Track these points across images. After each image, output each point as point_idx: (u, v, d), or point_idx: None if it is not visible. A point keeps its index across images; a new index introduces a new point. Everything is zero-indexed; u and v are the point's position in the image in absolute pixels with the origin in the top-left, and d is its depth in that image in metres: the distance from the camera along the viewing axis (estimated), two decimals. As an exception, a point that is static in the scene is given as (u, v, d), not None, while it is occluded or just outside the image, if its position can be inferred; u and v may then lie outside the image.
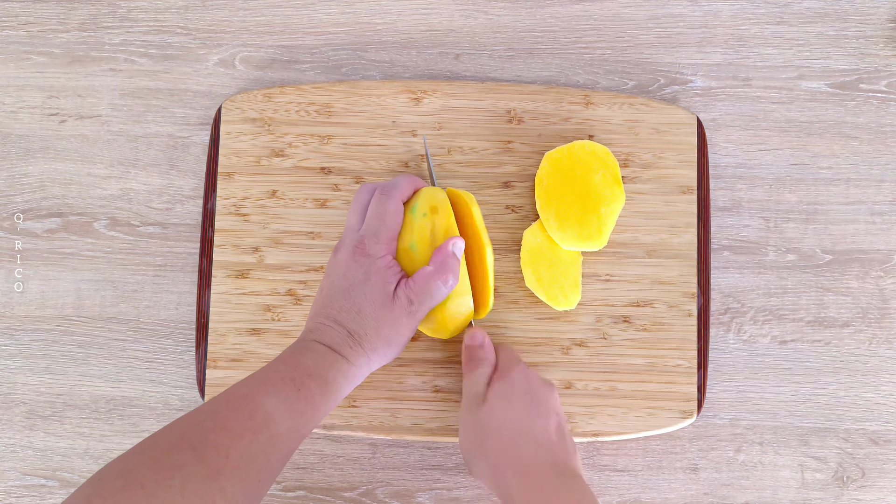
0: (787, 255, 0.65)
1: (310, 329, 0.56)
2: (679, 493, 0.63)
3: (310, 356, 0.54)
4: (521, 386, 0.56)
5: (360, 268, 0.56)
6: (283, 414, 0.50)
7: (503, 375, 0.57)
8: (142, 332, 0.65)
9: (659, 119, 0.65)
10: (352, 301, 0.56)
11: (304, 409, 0.51)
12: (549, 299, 0.62)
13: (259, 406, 0.50)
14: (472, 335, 0.59)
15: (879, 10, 0.68)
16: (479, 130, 0.65)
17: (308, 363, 0.53)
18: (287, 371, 0.53)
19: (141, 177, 0.67)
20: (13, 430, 0.65)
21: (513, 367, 0.57)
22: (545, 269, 0.62)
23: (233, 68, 0.68)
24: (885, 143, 0.66)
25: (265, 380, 0.52)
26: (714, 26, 0.68)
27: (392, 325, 0.56)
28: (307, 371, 0.53)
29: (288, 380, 0.52)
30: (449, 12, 0.68)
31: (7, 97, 0.68)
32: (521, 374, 0.57)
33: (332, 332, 0.55)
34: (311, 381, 0.52)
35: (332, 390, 0.53)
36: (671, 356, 0.62)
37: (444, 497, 0.63)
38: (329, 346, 0.55)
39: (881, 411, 0.64)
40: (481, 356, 0.58)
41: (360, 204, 0.59)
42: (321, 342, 0.55)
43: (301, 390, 0.52)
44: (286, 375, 0.52)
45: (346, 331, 0.55)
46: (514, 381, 0.56)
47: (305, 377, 0.52)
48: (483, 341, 0.59)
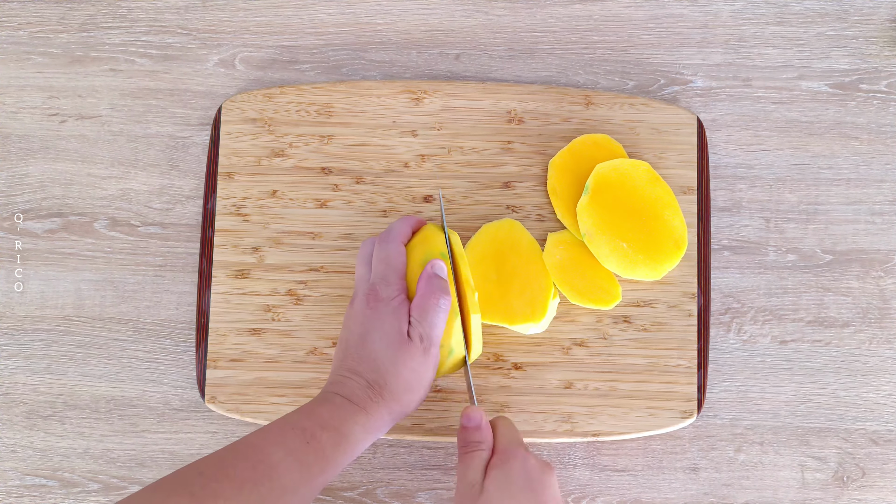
0: (788, 255, 0.65)
1: (331, 382, 0.55)
2: (679, 492, 0.63)
3: (327, 407, 0.53)
4: (520, 476, 0.52)
5: (374, 313, 0.55)
6: (290, 466, 0.49)
7: (502, 463, 0.53)
8: (142, 332, 0.65)
9: (659, 119, 0.65)
10: (368, 349, 0.55)
11: (313, 462, 0.50)
12: (596, 303, 0.62)
13: (266, 457, 0.49)
14: (469, 416, 0.55)
15: (879, 10, 0.68)
16: (480, 130, 0.65)
17: (324, 414, 0.52)
18: (300, 422, 0.52)
19: (141, 177, 0.67)
20: (13, 430, 0.65)
21: (512, 453, 0.53)
22: (579, 280, 0.62)
23: (233, 68, 0.68)
24: (886, 143, 0.66)
25: (276, 430, 0.51)
26: (714, 26, 0.68)
27: (411, 367, 0.55)
28: (321, 423, 0.52)
29: (299, 430, 0.51)
30: (449, 12, 0.68)
31: (7, 97, 0.68)
32: (521, 463, 0.53)
33: (351, 383, 0.54)
34: (324, 433, 0.51)
35: (347, 443, 0.52)
36: (671, 356, 0.62)
37: (444, 497, 0.63)
38: (347, 398, 0.53)
39: (881, 411, 0.64)
40: (478, 439, 0.54)
41: (365, 256, 0.58)
42: (340, 394, 0.54)
43: (311, 443, 0.51)
44: (297, 426, 0.51)
45: (366, 381, 0.54)
46: (512, 469, 0.52)
47: (318, 429, 0.51)
48: (480, 422, 0.55)
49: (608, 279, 0.62)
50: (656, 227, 0.62)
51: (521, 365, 0.63)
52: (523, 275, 0.62)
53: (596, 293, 0.62)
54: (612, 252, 0.62)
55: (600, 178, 0.62)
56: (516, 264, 0.62)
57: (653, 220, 0.62)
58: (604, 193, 0.62)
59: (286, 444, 0.50)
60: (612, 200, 0.62)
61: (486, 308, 0.61)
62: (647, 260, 0.62)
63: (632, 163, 0.62)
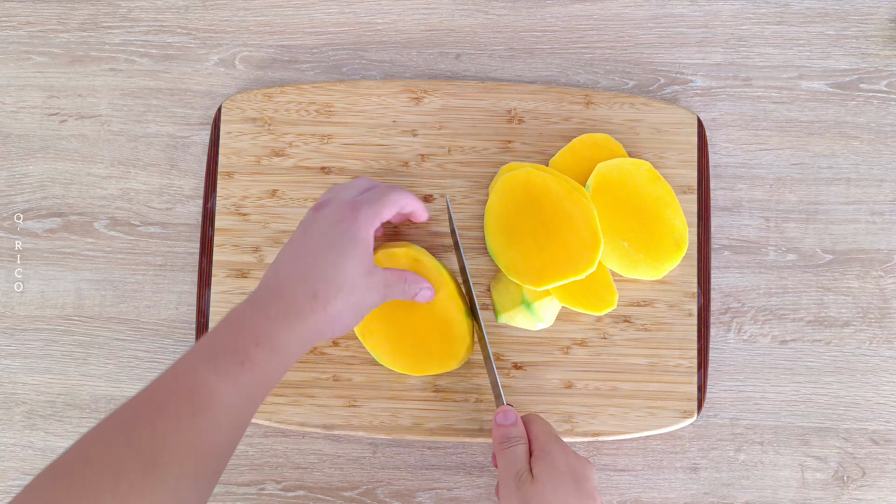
0: (788, 254, 0.65)
1: (269, 287, 0.52)
2: (679, 492, 0.63)
3: (259, 320, 0.50)
4: (564, 464, 0.53)
5: (347, 230, 0.54)
6: (226, 391, 0.46)
7: (545, 454, 0.53)
8: (142, 331, 0.65)
9: (659, 119, 0.65)
10: (332, 261, 0.53)
11: (249, 381, 0.48)
12: (590, 309, 0.61)
13: (200, 385, 0.46)
14: (504, 414, 0.56)
15: (880, 10, 0.68)
16: (480, 130, 0.65)
17: (257, 328, 0.49)
18: (231, 341, 0.49)
19: (141, 177, 0.67)
20: (13, 430, 0.65)
21: (551, 442, 0.54)
22: (574, 283, 0.61)
23: (233, 68, 0.68)
24: (886, 143, 0.66)
25: (208, 355, 0.48)
26: (714, 26, 0.68)
27: (363, 295, 0.54)
28: (254, 339, 0.49)
29: (231, 352, 0.48)
30: (449, 12, 0.68)
31: (7, 97, 0.68)
32: (562, 452, 0.54)
33: (293, 291, 0.51)
34: (258, 351, 0.48)
35: (281, 358, 0.50)
36: (672, 356, 0.62)
37: (444, 497, 0.63)
38: (284, 308, 0.51)
39: (882, 411, 0.64)
40: (515, 434, 0.55)
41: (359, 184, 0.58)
42: (276, 303, 0.51)
43: (245, 363, 0.48)
44: (229, 347, 0.48)
45: (312, 291, 0.52)
46: (556, 459, 0.53)
47: (252, 346, 0.48)
48: (516, 420, 0.56)
49: (605, 285, 0.62)
50: (657, 226, 0.62)
51: (521, 364, 0.63)
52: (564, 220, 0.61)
53: (590, 299, 0.61)
54: (613, 251, 0.62)
55: (601, 177, 0.62)
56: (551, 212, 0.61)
57: (654, 220, 0.62)
58: (605, 193, 0.62)
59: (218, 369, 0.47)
60: (613, 200, 0.62)
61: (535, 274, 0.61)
62: (648, 259, 0.62)
63: (633, 162, 0.62)
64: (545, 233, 0.61)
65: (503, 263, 0.61)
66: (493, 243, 0.62)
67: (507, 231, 0.62)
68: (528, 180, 0.62)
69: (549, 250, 0.61)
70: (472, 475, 0.63)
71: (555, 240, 0.61)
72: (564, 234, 0.61)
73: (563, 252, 0.60)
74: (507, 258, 0.61)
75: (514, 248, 0.61)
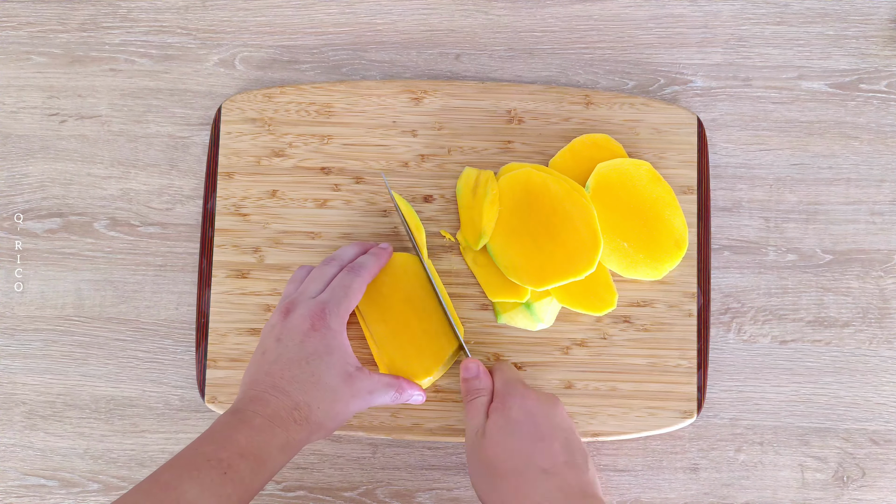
0: (788, 254, 0.65)
1: (249, 398, 0.53)
2: (679, 492, 0.63)
3: (244, 432, 0.50)
4: (520, 412, 0.54)
5: (322, 339, 0.54)
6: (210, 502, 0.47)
7: (500, 405, 0.55)
8: (142, 332, 0.65)
9: (659, 119, 0.65)
10: (310, 372, 0.53)
11: (231, 493, 0.48)
12: (590, 309, 0.62)
13: (180, 496, 0.47)
14: (466, 367, 0.57)
15: (880, 10, 0.68)
16: (480, 130, 0.65)
17: (241, 440, 0.50)
18: (214, 451, 0.49)
19: (141, 177, 0.67)
20: (13, 430, 0.65)
21: (510, 393, 0.55)
22: (574, 284, 0.61)
23: (233, 68, 0.68)
24: (886, 143, 0.66)
25: (189, 463, 0.49)
26: (714, 26, 0.68)
27: (347, 403, 0.54)
28: (238, 450, 0.49)
29: (215, 462, 0.48)
30: (449, 12, 0.68)
31: (7, 97, 0.68)
32: (519, 400, 0.54)
33: (275, 403, 0.52)
34: (242, 462, 0.49)
35: (265, 469, 0.50)
36: (671, 356, 0.62)
37: (444, 497, 0.63)
38: (269, 419, 0.51)
39: (881, 411, 0.63)
40: (477, 386, 0.57)
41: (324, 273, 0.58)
42: (261, 414, 0.51)
43: (227, 473, 0.48)
44: (213, 456, 0.49)
45: (293, 403, 0.52)
46: (511, 408, 0.54)
47: (236, 457, 0.49)
48: (478, 371, 0.57)
49: (605, 286, 0.62)
50: (657, 226, 0.62)
51: (521, 365, 0.63)
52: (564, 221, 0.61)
53: (590, 299, 0.61)
54: (613, 251, 0.62)
55: (601, 177, 0.62)
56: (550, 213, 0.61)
57: (654, 220, 0.62)
58: (604, 193, 0.62)
59: (201, 479, 0.47)
60: (613, 200, 0.62)
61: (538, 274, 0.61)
62: (648, 259, 0.62)
63: (633, 162, 0.62)
64: (545, 233, 0.61)
65: (503, 264, 0.61)
66: (492, 244, 0.62)
67: (507, 232, 0.62)
68: (528, 181, 0.62)
69: (548, 251, 0.61)
70: (471, 475, 0.63)
71: (554, 240, 0.61)
72: (564, 235, 0.61)
73: (563, 253, 0.60)
74: (506, 259, 0.61)
75: (513, 248, 0.61)
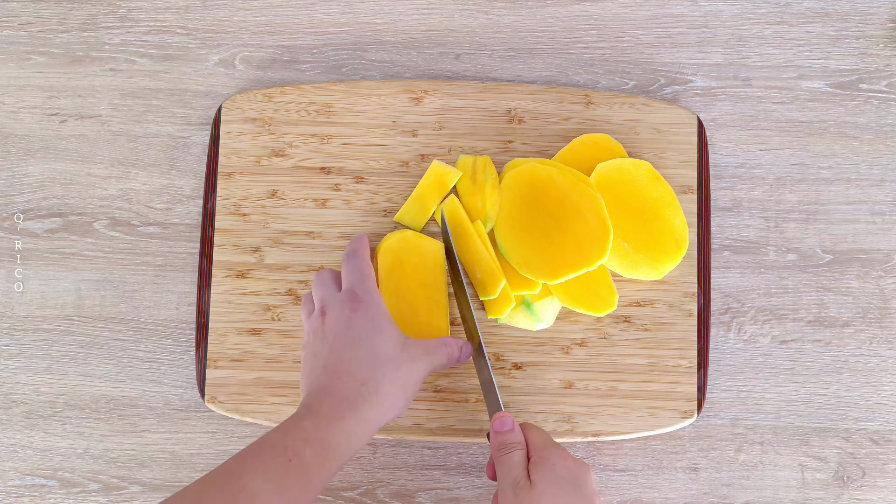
0: (788, 254, 0.65)
1: (315, 389, 0.53)
2: (679, 492, 0.63)
3: (309, 419, 0.51)
4: (564, 472, 0.53)
5: (366, 315, 0.55)
6: (271, 492, 0.47)
7: (543, 460, 0.53)
8: (142, 332, 0.65)
9: (659, 119, 0.65)
10: (365, 349, 0.54)
11: (294, 483, 0.48)
12: (590, 309, 0.62)
13: (244, 485, 0.47)
14: (501, 421, 0.56)
15: (880, 10, 0.68)
16: (480, 130, 0.65)
17: (306, 426, 0.50)
18: (279, 438, 0.49)
19: (141, 177, 0.67)
20: (13, 430, 0.65)
21: (549, 448, 0.54)
22: (575, 283, 0.61)
23: (233, 68, 0.68)
24: (886, 143, 0.66)
25: (254, 452, 0.49)
26: (714, 26, 0.68)
27: (410, 370, 0.54)
28: (303, 435, 0.50)
29: (279, 450, 0.49)
30: (449, 12, 0.68)
31: (7, 97, 0.68)
32: (561, 458, 0.54)
33: (341, 385, 0.52)
34: (307, 448, 0.49)
35: (332, 455, 0.50)
36: (671, 356, 0.62)
37: (444, 497, 0.63)
38: (337, 402, 0.51)
39: (882, 411, 0.63)
40: (513, 440, 0.55)
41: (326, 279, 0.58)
42: (327, 400, 0.52)
43: (292, 460, 0.48)
44: (278, 443, 0.49)
45: (361, 379, 0.53)
46: (556, 466, 0.53)
47: (300, 443, 0.49)
48: (513, 426, 0.56)
49: (605, 286, 0.62)
50: (657, 226, 0.62)
51: (521, 365, 0.63)
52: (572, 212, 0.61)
53: (590, 299, 0.62)
54: (614, 251, 0.62)
55: (601, 177, 0.62)
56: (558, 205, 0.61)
57: (654, 220, 0.62)
58: (605, 193, 0.62)
59: (266, 468, 0.48)
60: (613, 200, 0.62)
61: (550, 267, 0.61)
62: (649, 259, 0.62)
63: (633, 162, 0.62)
64: (555, 226, 0.61)
65: (516, 261, 0.61)
66: (503, 241, 0.62)
67: (517, 228, 0.62)
68: (533, 175, 0.62)
69: (559, 243, 0.61)
70: (472, 475, 0.63)
71: (564, 233, 0.61)
72: (574, 227, 0.61)
73: (574, 244, 0.60)
74: (519, 255, 0.61)
75: (524, 244, 0.61)
